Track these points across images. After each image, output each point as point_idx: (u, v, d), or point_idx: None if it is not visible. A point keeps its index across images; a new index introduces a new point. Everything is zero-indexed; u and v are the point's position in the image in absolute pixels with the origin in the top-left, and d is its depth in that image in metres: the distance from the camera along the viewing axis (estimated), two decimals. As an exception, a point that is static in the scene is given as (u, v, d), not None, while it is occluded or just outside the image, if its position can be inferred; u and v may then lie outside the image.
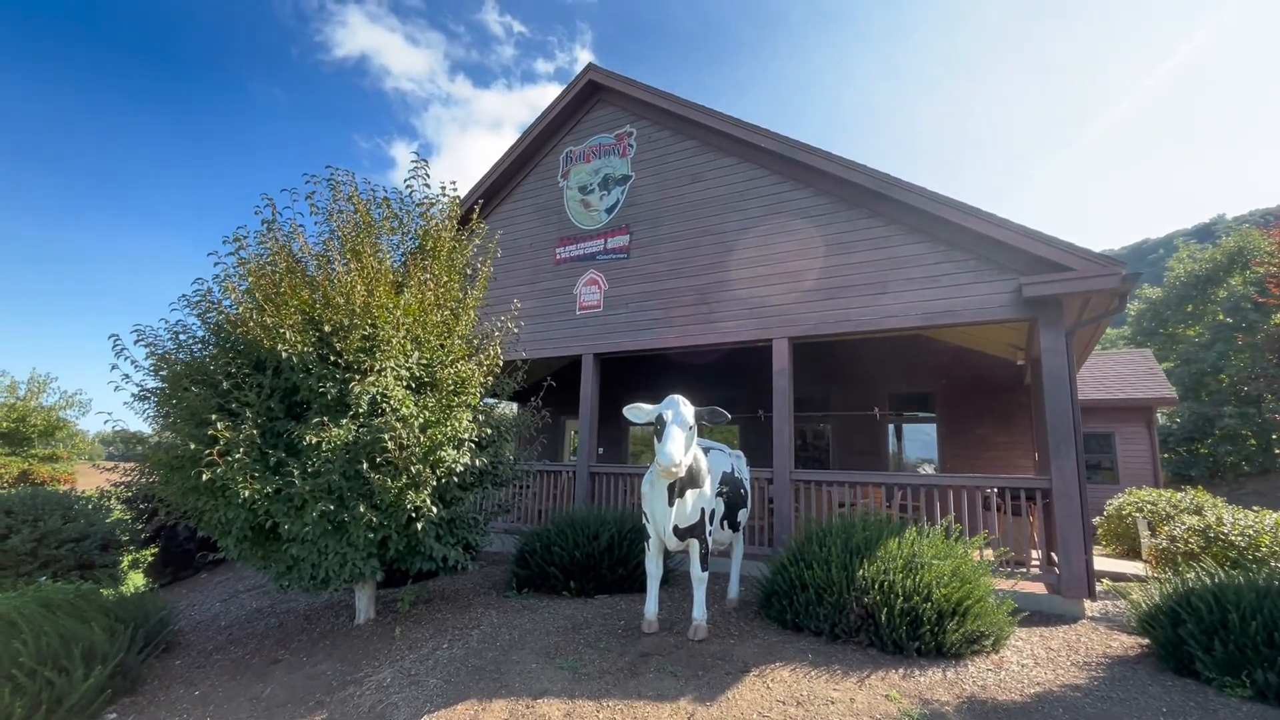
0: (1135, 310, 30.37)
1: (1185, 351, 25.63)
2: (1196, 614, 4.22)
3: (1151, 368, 15.22)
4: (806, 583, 4.93)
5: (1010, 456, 10.31)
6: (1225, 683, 3.91)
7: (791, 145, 7.43)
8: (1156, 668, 4.42)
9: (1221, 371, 23.75)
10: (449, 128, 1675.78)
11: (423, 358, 5.30)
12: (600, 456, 12.81)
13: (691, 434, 4.56)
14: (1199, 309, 27.12)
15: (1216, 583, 4.43)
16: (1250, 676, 3.82)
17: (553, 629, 5.14)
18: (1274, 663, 3.77)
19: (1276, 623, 3.87)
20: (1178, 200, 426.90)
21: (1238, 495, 18.95)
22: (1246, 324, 23.35)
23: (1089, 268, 5.80)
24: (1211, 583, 4.46)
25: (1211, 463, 22.86)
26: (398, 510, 4.76)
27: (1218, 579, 4.50)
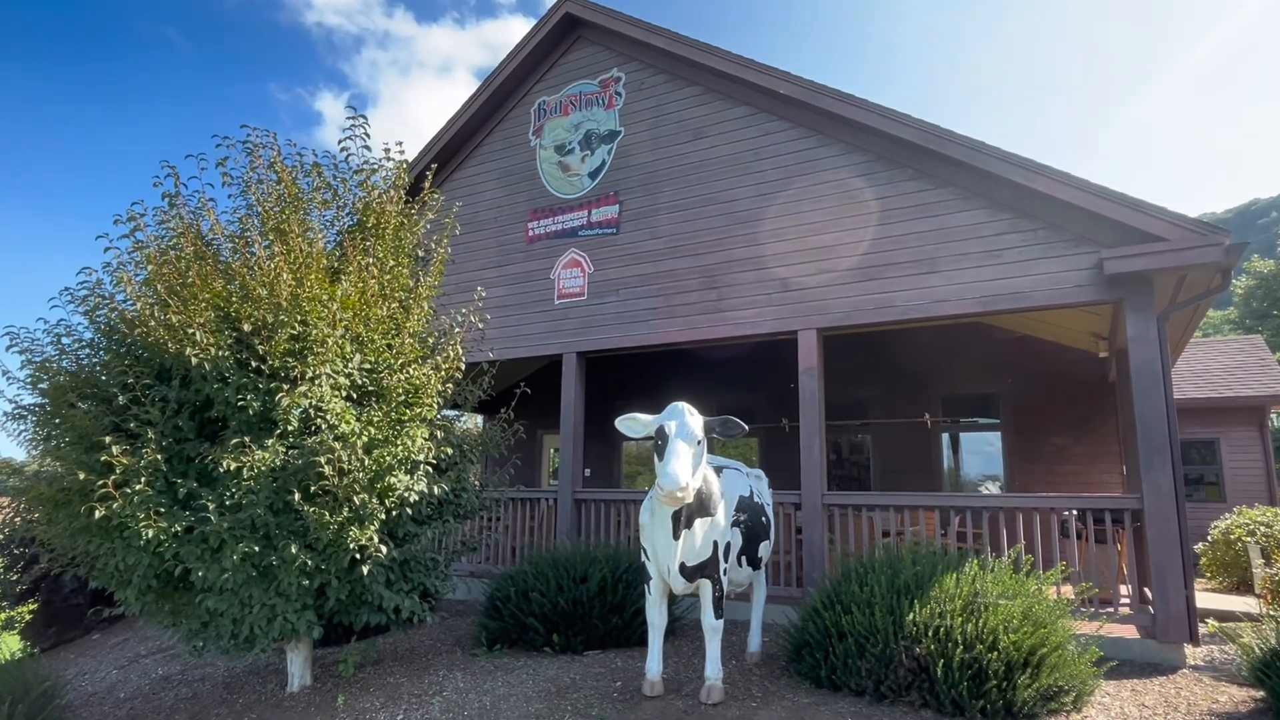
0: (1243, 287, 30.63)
1: (1304, 337, 25.85)
2: (1321, 659, 4.28)
3: (1263, 358, 15.36)
4: (845, 630, 4.97)
5: (1092, 471, 10.39)
6: (1357, 742, 3.96)
7: (818, 90, 7.47)
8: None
9: (1348, 361, 23.95)
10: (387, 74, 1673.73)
11: (366, 361, 5.31)
12: (587, 479, 12.84)
13: (700, 450, 4.58)
14: (1320, 285, 27.35)
15: (1345, 620, 4.49)
16: (1387, 734, 3.88)
17: (533, 694, 5.16)
18: None
19: None
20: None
21: (1371, 513, 19.08)
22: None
23: (1185, 237, 5.86)
24: (1339, 621, 4.52)
25: (1338, 473, 23.04)
26: (338, 551, 4.77)
27: (1347, 616, 4.56)
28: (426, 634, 7.28)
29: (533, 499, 9.08)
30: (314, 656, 6.09)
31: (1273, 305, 29.17)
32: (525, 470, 13.55)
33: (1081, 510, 6.54)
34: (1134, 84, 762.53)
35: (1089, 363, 10.40)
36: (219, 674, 6.56)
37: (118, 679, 6.98)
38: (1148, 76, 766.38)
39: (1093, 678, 4.85)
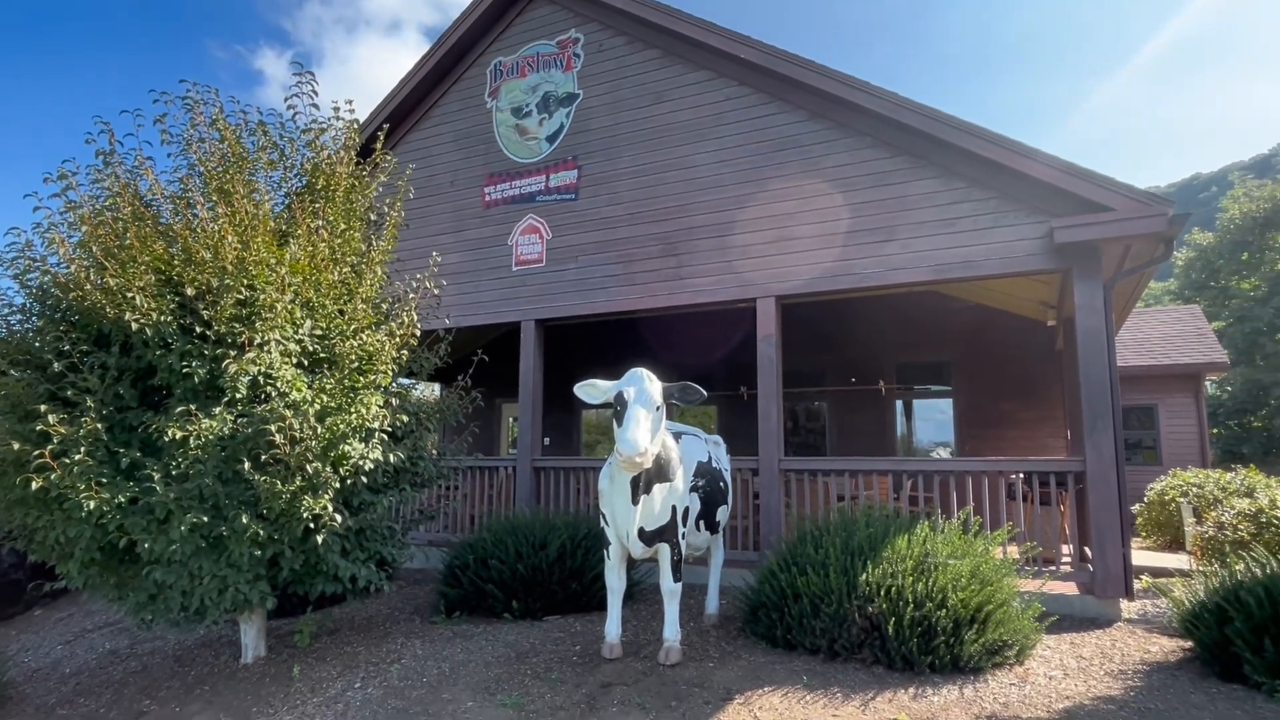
0: (1183, 259, 31.70)
1: (1239, 308, 26.97)
2: (1245, 610, 4.52)
3: (1200, 327, 15.97)
4: (800, 591, 5.08)
5: (1038, 436, 10.74)
6: (1276, 687, 4.21)
7: (777, 56, 7.42)
8: (1200, 673, 4.74)
9: (1279, 331, 25.08)
10: (332, 31, 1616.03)
11: (317, 327, 5.18)
12: (547, 448, 12.82)
13: (659, 416, 4.60)
14: (1255, 257, 28.45)
15: (1269, 574, 4.74)
16: (1303, 679, 4.13)
17: (492, 659, 5.19)
18: (1330, 662, 4.08)
19: (1333, 617, 4.17)
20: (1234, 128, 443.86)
21: (1294, 475, 20.15)
22: (1308, 274, 24.62)
23: (1131, 207, 6.01)
24: (1263, 574, 4.77)
25: (1266, 438, 24.26)
26: (291, 520, 4.69)
27: (1270, 569, 4.81)
28: (384, 603, 7.25)
29: (491, 467, 9.04)
30: (269, 627, 6.02)
31: (1211, 277, 30.24)
32: (484, 439, 13.48)
33: (1028, 473, 6.76)
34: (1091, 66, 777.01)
35: (1037, 331, 10.68)
36: (169, 647, 6.45)
37: (63, 654, 6.82)
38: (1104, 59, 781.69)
39: (1035, 632, 5.06)
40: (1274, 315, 25.52)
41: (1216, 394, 25.26)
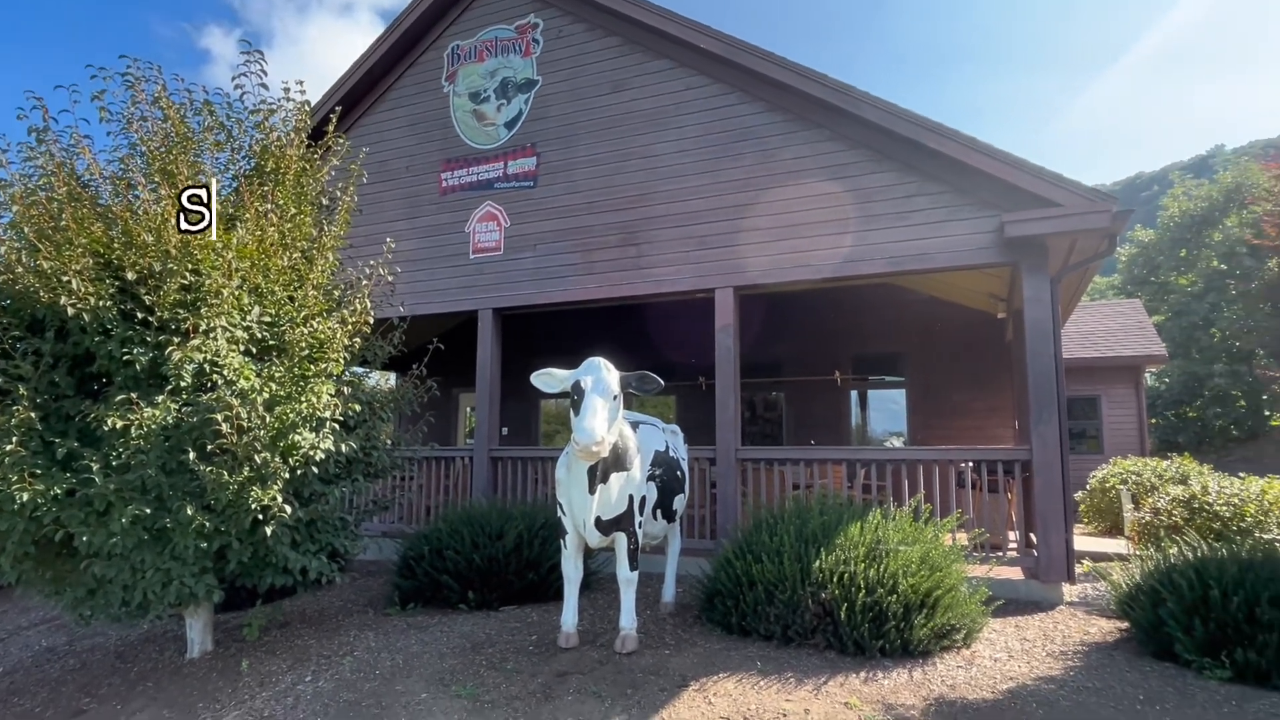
0: (1126, 255, 32.80)
1: (1177, 302, 28.01)
2: (1177, 592, 4.71)
3: (1141, 321, 16.55)
4: (755, 579, 5.14)
5: (988, 426, 11.02)
6: (1204, 664, 4.41)
7: (737, 46, 7.44)
8: (1136, 652, 4.94)
9: (1214, 325, 26.13)
10: (283, 10, 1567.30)
11: (266, 314, 5.05)
12: (504, 438, 12.71)
13: (616, 405, 4.59)
14: (1193, 254, 29.58)
15: (1199, 557, 4.95)
16: (1230, 656, 4.33)
17: (447, 650, 5.15)
18: (1254, 641, 4.28)
19: (1259, 598, 4.38)
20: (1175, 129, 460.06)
21: (1225, 462, 21.07)
22: (1241, 271, 25.67)
23: (1078, 203, 6.17)
24: (1194, 557, 4.98)
25: (1200, 427, 25.31)
26: (239, 511, 4.57)
27: (1200, 553, 5.03)
28: (337, 595, 7.13)
29: (448, 458, 8.94)
30: (216, 621, 5.87)
31: (1151, 272, 31.34)
32: (441, 429, 13.32)
33: (977, 462, 6.93)
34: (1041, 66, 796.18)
35: (988, 323, 10.94)
36: (111, 643, 6.25)
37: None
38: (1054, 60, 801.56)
39: (981, 616, 5.20)
40: (1209, 310, 26.56)
41: (1155, 385, 26.23)
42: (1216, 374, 24.72)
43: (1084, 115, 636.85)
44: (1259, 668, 4.25)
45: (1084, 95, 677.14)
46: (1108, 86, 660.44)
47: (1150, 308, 25.69)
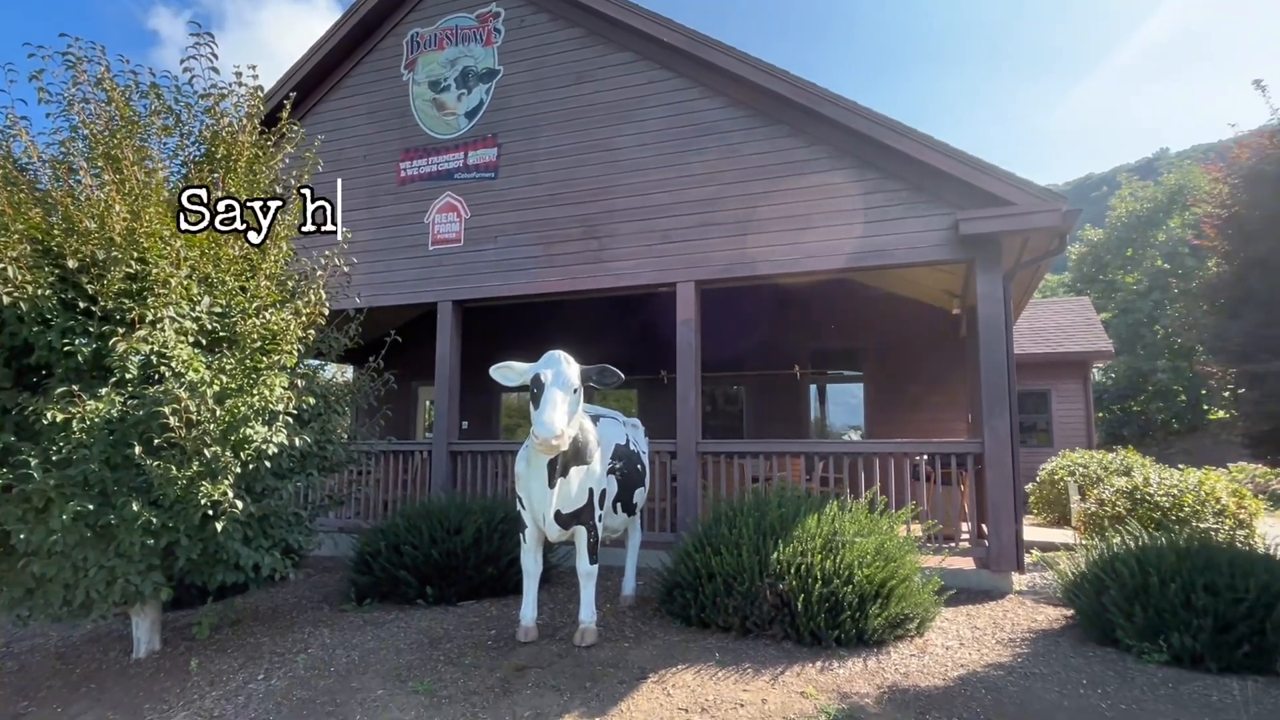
0: (1076, 254, 33.70)
1: (1123, 300, 28.92)
2: (1119, 580, 4.88)
3: (1089, 318, 17.05)
4: (714, 571, 5.18)
5: (943, 419, 11.25)
6: (1144, 649, 4.57)
7: (701, 41, 7.45)
8: (1080, 638, 5.09)
9: (1157, 322, 27.05)
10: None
11: (216, 304, 4.92)
12: (464, 431, 12.61)
13: (577, 398, 4.58)
14: (1139, 253, 30.55)
15: (1140, 546, 5.13)
16: (1167, 641, 4.49)
17: (404, 646, 5.09)
18: (1190, 625, 4.45)
19: (1195, 585, 4.55)
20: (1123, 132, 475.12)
21: (1166, 454, 21.86)
22: (1183, 270, 26.61)
23: (1030, 202, 6.32)
24: (1135, 547, 5.16)
25: (1144, 421, 26.22)
26: (188, 507, 4.45)
27: (1141, 542, 5.21)
28: (291, 591, 6.99)
29: (406, 451, 8.83)
30: (165, 620, 5.71)
31: (1100, 270, 32.27)
32: (400, 423, 13.14)
33: (931, 455, 7.07)
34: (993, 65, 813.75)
35: (943, 319, 11.16)
36: (52, 644, 6.03)
37: (-71, 655, 6.29)
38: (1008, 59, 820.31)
39: (934, 605, 5.32)
40: (1153, 307, 27.48)
41: (1102, 380, 27.06)
42: (1159, 369, 25.62)
43: (1038, 117, 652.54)
44: (1194, 651, 4.42)
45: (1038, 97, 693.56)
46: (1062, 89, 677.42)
47: (1098, 305, 26.51)
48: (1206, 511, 7.33)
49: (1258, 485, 14.22)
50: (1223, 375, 6.14)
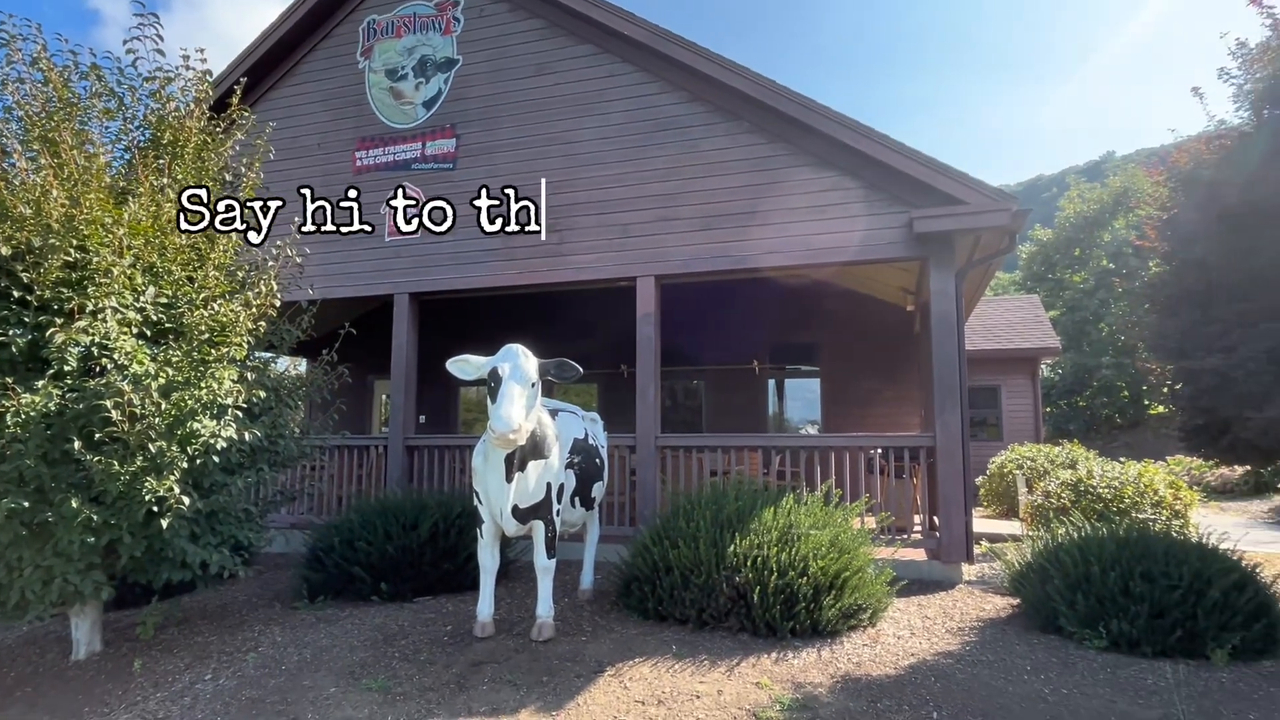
0: (1027, 253, 34.58)
1: (1071, 298, 29.77)
2: (1063, 569, 5.05)
3: (1038, 315, 17.53)
4: (671, 564, 5.20)
5: (897, 414, 11.47)
6: (1085, 635, 4.74)
7: (662, 36, 7.45)
8: (1026, 626, 5.25)
9: (1102, 320, 27.95)
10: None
11: (162, 294, 4.77)
12: (421, 426, 12.44)
13: (534, 392, 4.56)
14: (1086, 253, 31.47)
15: (1082, 537, 5.31)
16: (1106, 627, 4.66)
17: (358, 643, 5.02)
18: (1128, 612, 4.62)
19: (1133, 573, 4.73)
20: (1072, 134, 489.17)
21: (1110, 448, 22.63)
22: (1127, 270, 27.52)
23: (981, 201, 6.47)
24: (1078, 537, 5.34)
25: (1089, 415, 27.10)
26: (131, 503, 4.31)
27: (1084, 533, 5.39)
28: (241, 589, 6.84)
29: (362, 446, 8.69)
30: (106, 620, 5.54)
31: (1049, 270, 33.18)
32: (355, 417, 12.92)
33: (885, 448, 7.20)
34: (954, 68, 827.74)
35: (898, 315, 11.36)
36: (-14, 646, 5.81)
37: None
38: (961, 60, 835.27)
39: (887, 596, 5.43)
40: (1099, 306, 28.38)
41: (1050, 376, 27.85)
42: (1104, 366, 26.49)
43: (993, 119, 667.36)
44: (1131, 637, 4.59)
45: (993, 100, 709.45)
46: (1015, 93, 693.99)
47: (1047, 303, 27.26)
48: (1145, 503, 7.61)
49: (1193, 477, 14.83)
50: (1161, 371, 6.37)
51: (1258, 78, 5.73)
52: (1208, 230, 5.56)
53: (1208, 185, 5.86)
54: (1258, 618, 4.56)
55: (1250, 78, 5.81)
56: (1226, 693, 4.05)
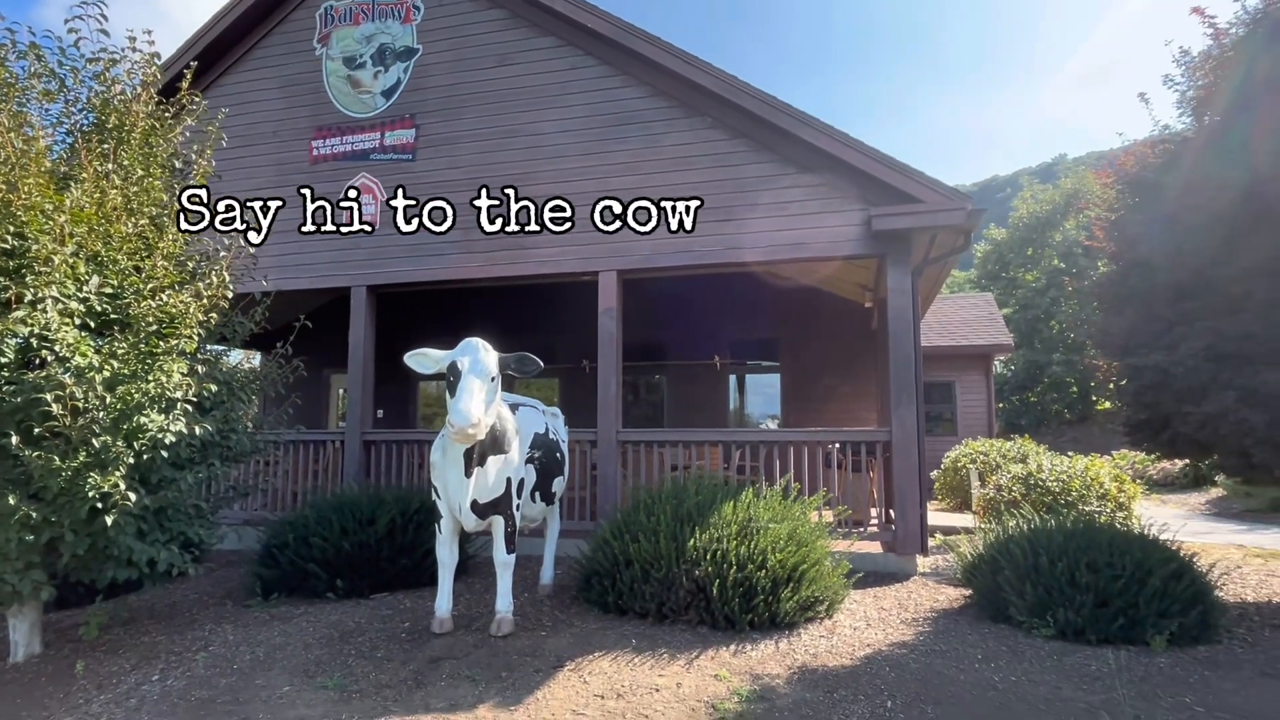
0: (981, 252, 35.36)
1: (1023, 297, 30.57)
2: (1013, 561, 5.18)
3: (992, 313, 17.95)
4: (632, 558, 5.22)
5: (855, 409, 11.64)
6: (1034, 624, 4.88)
7: (623, 28, 7.43)
8: (977, 616, 5.38)
9: (1053, 318, 28.76)
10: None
11: (107, 284, 4.61)
12: (380, 421, 12.26)
13: (494, 387, 4.53)
14: (1038, 252, 32.33)
15: (1032, 529, 5.46)
16: (1054, 616, 4.80)
17: (313, 640, 4.93)
18: (1074, 601, 4.77)
19: (1079, 564, 4.87)
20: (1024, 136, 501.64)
21: (1059, 443, 23.28)
22: (1076, 269, 28.36)
23: (938, 200, 6.59)
24: (1028, 529, 5.49)
25: (1039, 410, 27.88)
26: (74, 500, 4.17)
27: (1033, 525, 5.54)
28: (191, 588, 6.67)
29: (318, 441, 8.53)
30: (47, 621, 5.35)
31: (1002, 268, 34.02)
32: (311, 412, 12.67)
33: (843, 443, 7.31)
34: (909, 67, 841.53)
35: (857, 312, 11.52)
36: (-82, 649, 5.57)
37: None
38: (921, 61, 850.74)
39: (843, 588, 5.52)
40: (1050, 304, 29.19)
41: (1003, 373, 28.57)
42: (1054, 363, 27.27)
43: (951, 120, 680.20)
44: (1077, 625, 4.74)
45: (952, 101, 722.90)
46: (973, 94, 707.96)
47: (1001, 301, 27.92)
48: (1091, 495, 7.86)
49: (1136, 471, 15.35)
50: (1108, 368, 6.56)
51: (1199, 85, 5.92)
52: (1151, 232, 5.74)
53: (1151, 188, 6.04)
54: (1194, 605, 4.74)
55: (1193, 85, 6.00)
56: (1164, 677, 4.20)
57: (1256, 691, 4.00)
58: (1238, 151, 5.28)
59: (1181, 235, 5.44)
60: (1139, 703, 3.84)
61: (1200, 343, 5.26)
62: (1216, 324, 5.23)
